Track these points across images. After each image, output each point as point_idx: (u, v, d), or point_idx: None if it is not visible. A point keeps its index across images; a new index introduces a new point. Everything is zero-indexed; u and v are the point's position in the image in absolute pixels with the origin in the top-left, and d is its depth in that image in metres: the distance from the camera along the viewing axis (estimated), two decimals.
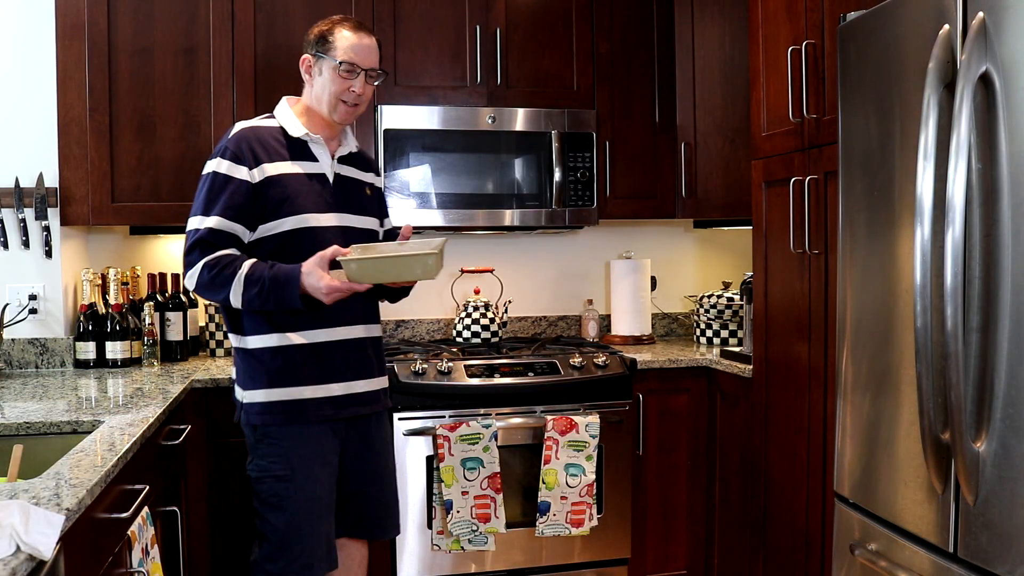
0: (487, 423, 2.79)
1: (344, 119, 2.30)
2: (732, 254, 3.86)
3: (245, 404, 2.24)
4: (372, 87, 2.32)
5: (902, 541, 1.87)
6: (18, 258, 2.96)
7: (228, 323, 2.28)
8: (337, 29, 2.28)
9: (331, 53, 2.26)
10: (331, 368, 2.24)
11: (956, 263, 1.59)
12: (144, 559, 1.84)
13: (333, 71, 2.26)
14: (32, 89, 2.94)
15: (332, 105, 2.27)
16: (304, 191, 2.23)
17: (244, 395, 2.24)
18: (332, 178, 2.30)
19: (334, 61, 2.25)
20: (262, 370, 2.21)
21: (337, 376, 2.25)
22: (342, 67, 2.24)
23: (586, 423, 2.85)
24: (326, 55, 2.27)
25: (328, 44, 2.27)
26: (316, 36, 2.30)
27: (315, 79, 2.29)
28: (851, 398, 2.09)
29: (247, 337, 2.23)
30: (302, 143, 2.28)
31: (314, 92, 2.29)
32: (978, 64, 1.59)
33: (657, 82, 3.42)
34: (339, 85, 2.26)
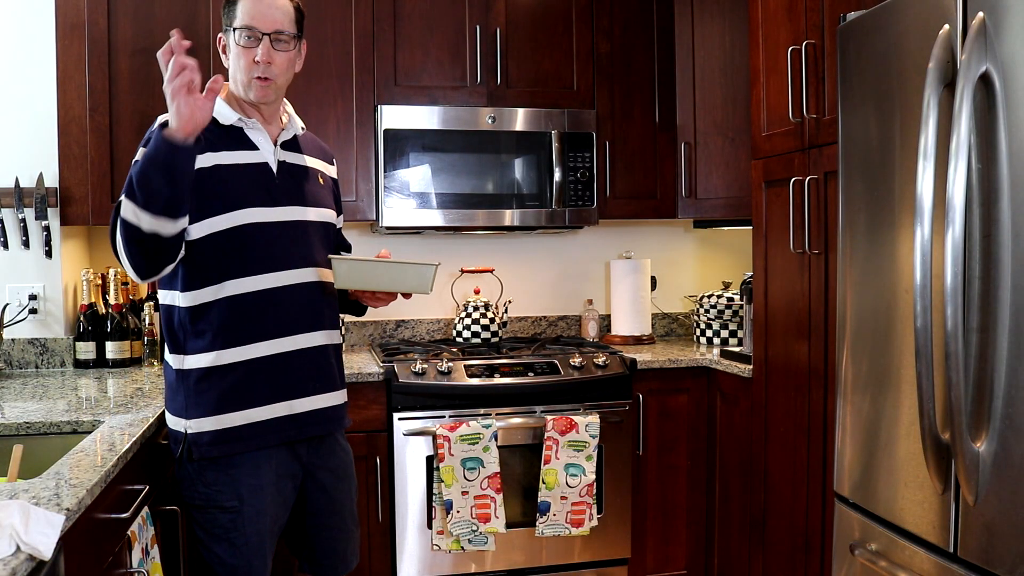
0: (487, 423, 2.79)
1: (260, 97, 1.98)
2: (732, 254, 3.86)
3: (191, 435, 1.92)
4: (288, 54, 1.99)
5: (902, 541, 1.87)
6: (18, 258, 2.96)
7: (168, 342, 1.98)
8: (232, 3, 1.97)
9: (234, 24, 1.96)
10: (292, 381, 1.97)
11: (956, 263, 1.58)
12: (144, 559, 1.84)
13: (237, 44, 1.96)
14: (32, 89, 2.94)
15: (246, 83, 1.97)
16: (243, 184, 1.95)
17: (188, 424, 1.93)
18: (276, 167, 2.01)
19: (239, 37, 1.95)
20: (210, 393, 1.92)
21: (299, 390, 1.98)
22: (239, 36, 1.94)
23: (586, 423, 2.85)
24: (230, 28, 1.97)
25: (230, 14, 1.97)
26: (224, 7, 1.99)
27: (228, 56, 2.01)
28: (851, 398, 2.09)
29: (188, 356, 1.93)
30: (236, 131, 2.00)
31: (231, 71, 2.00)
32: (978, 64, 1.59)
33: (657, 82, 3.42)
34: (244, 57, 1.96)
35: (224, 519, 1.94)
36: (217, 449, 1.92)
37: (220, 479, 1.93)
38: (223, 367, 1.92)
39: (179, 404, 1.96)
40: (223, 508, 1.93)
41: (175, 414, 1.97)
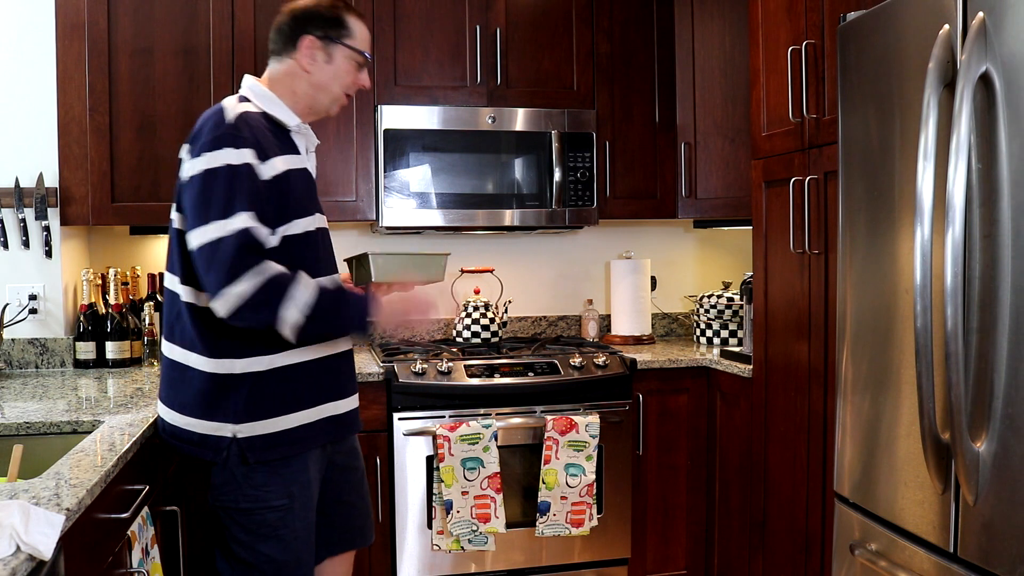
0: (487, 423, 2.79)
1: (334, 112, 2.07)
2: (732, 254, 3.86)
3: (242, 440, 1.87)
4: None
5: (902, 541, 1.87)
6: (18, 258, 2.96)
7: (205, 347, 1.88)
8: (346, 13, 2.02)
9: (348, 40, 2.00)
10: (335, 383, 2.01)
11: (956, 263, 1.58)
12: (144, 559, 1.84)
13: (348, 61, 2.01)
14: (32, 89, 2.94)
15: (336, 96, 2.03)
16: (307, 189, 1.98)
17: (238, 429, 1.88)
18: (314, 172, 2.07)
19: (350, 50, 2.00)
20: (268, 397, 1.89)
21: (341, 391, 2.02)
22: (355, 55, 2.01)
23: (586, 423, 2.85)
24: (341, 41, 1.99)
25: (345, 30, 2.00)
26: (329, 16, 1.99)
27: (320, 65, 1.99)
28: (851, 398, 2.09)
29: (237, 361, 1.87)
30: (285, 133, 1.99)
31: (316, 79, 1.99)
32: (978, 64, 1.59)
33: (657, 82, 3.42)
34: (352, 77, 2.03)
35: (273, 518, 1.92)
36: (275, 452, 1.90)
37: (271, 480, 1.91)
38: (279, 371, 1.90)
39: (223, 409, 1.88)
40: (272, 508, 1.92)
41: (213, 419, 1.89)
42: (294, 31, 1.99)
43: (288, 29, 2.00)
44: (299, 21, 1.99)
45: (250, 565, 1.95)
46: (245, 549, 1.95)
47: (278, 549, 1.93)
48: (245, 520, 1.93)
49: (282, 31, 2.01)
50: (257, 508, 1.91)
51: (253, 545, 1.94)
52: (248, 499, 1.91)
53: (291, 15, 2.01)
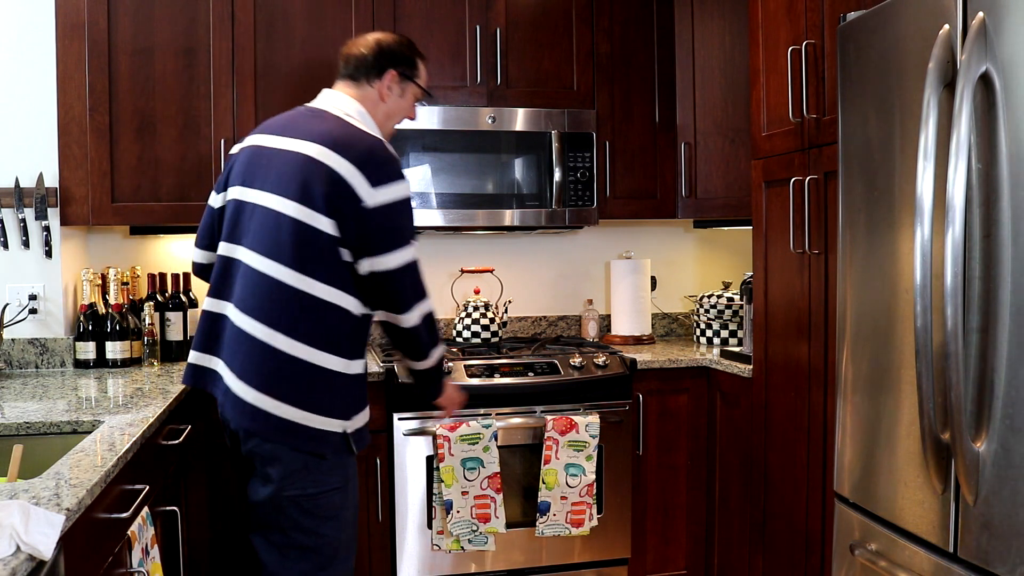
0: (487, 423, 2.79)
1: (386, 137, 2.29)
2: (732, 254, 3.86)
3: (352, 432, 2.10)
4: None
5: (902, 541, 1.87)
6: (18, 258, 2.96)
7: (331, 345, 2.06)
8: (419, 57, 2.31)
9: (418, 79, 2.30)
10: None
11: (956, 263, 1.59)
12: (144, 559, 1.84)
13: (413, 97, 2.30)
14: (32, 89, 2.94)
15: (396, 124, 2.33)
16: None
17: (347, 424, 2.09)
18: None
19: (419, 89, 2.30)
20: (362, 394, 2.15)
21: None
22: (419, 93, 2.31)
23: (586, 423, 2.85)
24: (413, 79, 2.28)
25: (417, 70, 2.30)
26: (407, 54, 2.28)
27: (392, 97, 2.26)
28: (851, 398, 2.09)
29: (353, 361, 2.10)
30: None
31: (387, 108, 2.25)
32: (978, 64, 1.59)
33: (657, 82, 3.42)
34: (411, 112, 2.32)
35: (337, 499, 2.12)
36: (364, 442, 2.16)
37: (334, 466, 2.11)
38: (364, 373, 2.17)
39: (341, 405, 2.08)
40: (336, 489, 2.12)
41: (331, 415, 2.06)
42: (379, 63, 2.24)
43: (374, 60, 2.24)
44: (385, 56, 2.24)
45: (309, 549, 2.11)
46: (307, 534, 2.10)
47: (338, 528, 2.13)
48: (311, 505, 2.08)
49: (367, 60, 2.24)
50: (322, 492, 2.09)
51: (316, 529, 2.10)
52: (315, 484, 2.08)
53: (377, 48, 2.25)
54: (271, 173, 2.10)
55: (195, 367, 2.18)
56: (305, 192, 2.03)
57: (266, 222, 2.07)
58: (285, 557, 2.10)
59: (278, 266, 2.03)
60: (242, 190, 2.15)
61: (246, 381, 2.04)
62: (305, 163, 2.05)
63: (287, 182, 2.06)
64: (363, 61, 2.24)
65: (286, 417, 2.03)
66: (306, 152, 2.06)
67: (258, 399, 2.03)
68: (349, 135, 2.08)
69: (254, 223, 2.10)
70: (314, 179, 2.03)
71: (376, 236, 2.04)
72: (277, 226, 2.05)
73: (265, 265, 2.05)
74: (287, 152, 2.10)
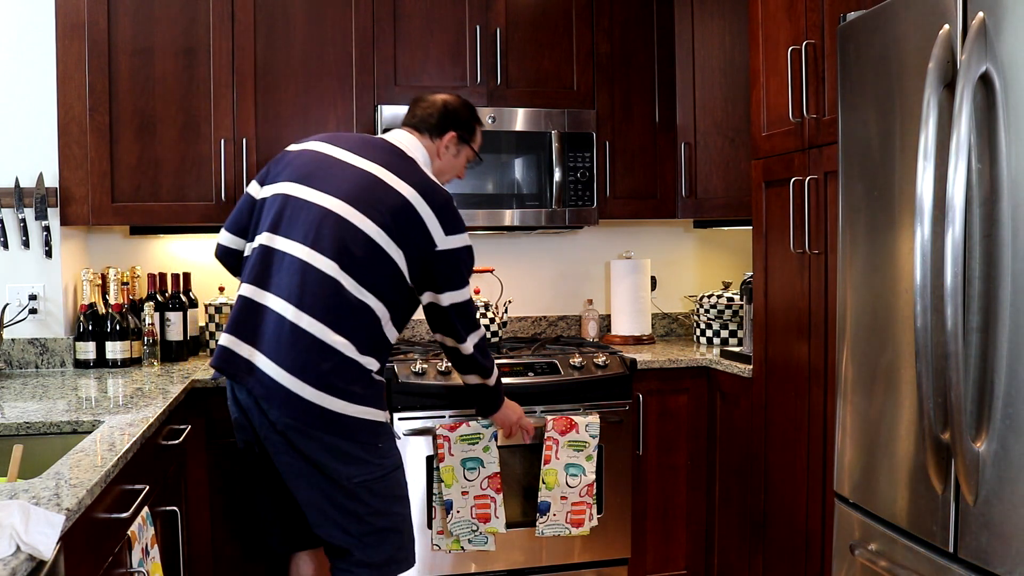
0: (487, 423, 2.79)
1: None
2: (732, 254, 3.86)
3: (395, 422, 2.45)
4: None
5: (902, 541, 1.87)
6: (18, 258, 2.96)
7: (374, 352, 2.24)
8: (478, 125, 2.50)
9: (473, 144, 2.49)
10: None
11: (956, 263, 1.58)
12: (144, 559, 1.84)
13: (465, 158, 2.49)
14: (32, 89, 2.94)
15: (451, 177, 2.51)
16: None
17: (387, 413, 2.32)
18: None
19: (473, 152, 2.50)
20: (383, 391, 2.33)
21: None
22: (471, 155, 2.50)
23: (586, 423, 2.85)
24: (469, 144, 2.48)
25: (474, 135, 2.48)
26: (470, 122, 2.46)
27: (449, 156, 2.45)
28: (851, 398, 2.09)
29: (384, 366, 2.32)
30: None
31: (441, 164, 2.44)
32: (978, 64, 1.59)
33: (657, 82, 3.42)
34: (461, 172, 2.52)
35: (399, 476, 2.31)
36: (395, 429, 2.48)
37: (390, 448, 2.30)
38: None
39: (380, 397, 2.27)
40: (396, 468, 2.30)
41: (379, 407, 2.25)
42: (443, 123, 2.43)
43: (439, 118, 2.43)
44: (449, 117, 2.43)
45: (388, 530, 2.27)
46: (382, 516, 2.26)
47: (405, 505, 2.33)
48: (380, 487, 2.25)
49: (432, 117, 2.42)
50: (387, 473, 2.26)
51: (389, 509, 2.28)
52: (380, 468, 2.25)
53: (444, 108, 2.43)
54: (339, 182, 2.23)
55: (228, 351, 2.20)
56: (378, 213, 2.19)
57: (326, 224, 2.18)
58: (367, 545, 2.25)
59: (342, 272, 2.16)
60: (298, 187, 2.24)
61: (303, 379, 2.12)
62: (383, 189, 2.22)
63: (357, 196, 2.20)
64: (429, 117, 2.42)
65: (346, 413, 2.17)
66: (386, 180, 2.24)
67: (317, 396, 2.13)
68: (431, 184, 2.29)
69: (308, 222, 2.19)
70: (393, 208, 2.20)
71: (441, 276, 2.28)
72: (341, 232, 2.17)
73: (328, 267, 2.16)
74: (360, 170, 2.25)
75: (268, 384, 2.13)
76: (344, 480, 2.20)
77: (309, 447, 2.16)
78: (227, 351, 2.19)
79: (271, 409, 2.15)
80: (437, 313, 2.34)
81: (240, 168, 3.05)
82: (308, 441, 2.16)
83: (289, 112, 3.11)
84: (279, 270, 2.18)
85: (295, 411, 2.12)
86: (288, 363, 2.12)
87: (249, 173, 3.05)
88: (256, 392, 2.15)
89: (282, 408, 2.13)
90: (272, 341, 2.15)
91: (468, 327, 2.37)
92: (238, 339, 2.19)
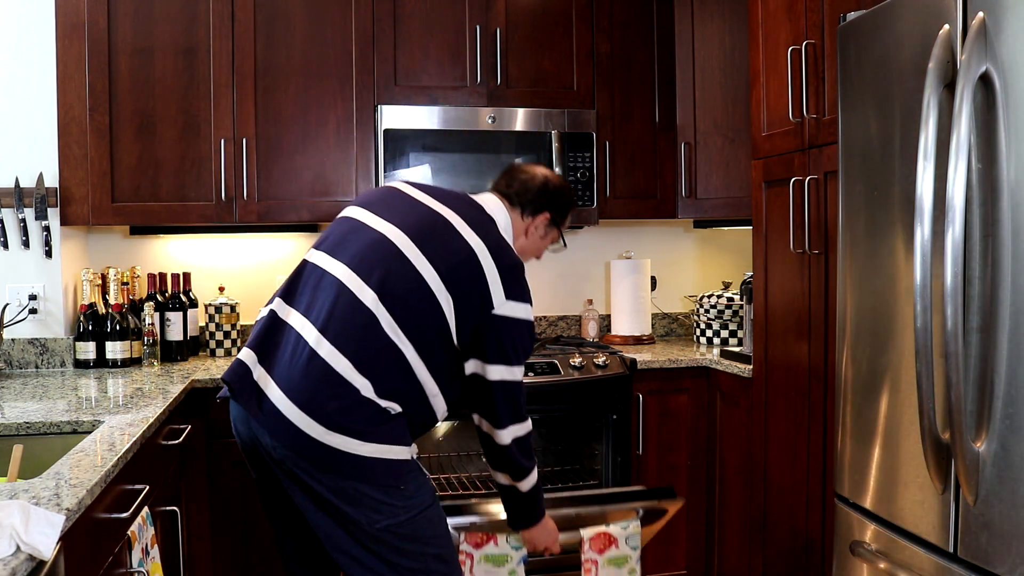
0: (516, 544, 2.40)
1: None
2: (732, 254, 3.86)
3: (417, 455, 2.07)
4: None
5: (902, 541, 1.87)
6: (18, 258, 2.96)
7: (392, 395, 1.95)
8: (573, 208, 2.33)
9: (561, 228, 2.30)
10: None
11: (956, 263, 1.58)
12: (144, 559, 1.84)
13: (550, 240, 2.31)
14: (32, 89, 2.94)
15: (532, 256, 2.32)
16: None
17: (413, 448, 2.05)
18: None
19: (559, 237, 2.31)
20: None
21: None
22: (557, 236, 2.31)
23: (626, 536, 2.47)
24: (557, 227, 2.28)
25: (565, 220, 2.30)
26: (565, 207, 2.28)
27: (535, 234, 2.25)
28: (851, 398, 2.09)
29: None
30: None
31: (530, 243, 2.26)
32: (978, 64, 1.59)
33: (657, 82, 3.42)
34: (539, 254, 2.33)
35: (434, 515, 2.02)
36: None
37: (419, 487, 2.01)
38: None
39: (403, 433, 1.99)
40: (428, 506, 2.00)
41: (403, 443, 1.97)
42: (540, 201, 2.23)
43: (537, 195, 2.22)
44: (546, 197, 2.23)
45: (420, 571, 1.97)
46: (415, 559, 1.97)
47: (444, 544, 2.02)
48: (408, 530, 1.95)
49: (530, 192, 2.22)
50: (416, 514, 1.96)
51: (422, 552, 1.97)
52: (405, 510, 1.95)
53: (543, 186, 2.24)
54: (405, 215, 2.04)
55: (243, 368, 1.98)
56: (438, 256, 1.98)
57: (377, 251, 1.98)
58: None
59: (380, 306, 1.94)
60: (361, 211, 2.09)
61: (310, 414, 1.88)
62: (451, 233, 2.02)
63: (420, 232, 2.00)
64: (526, 192, 2.22)
65: (359, 453, 1.90)
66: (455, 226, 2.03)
67: (325, 435, 1.88)
68: (504, 245, 2.08)
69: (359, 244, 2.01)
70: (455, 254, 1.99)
71: (492, 343, 2.01)
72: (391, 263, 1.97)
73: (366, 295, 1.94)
74: (431, 209, 2.06)
75: (275, 418, 1.89)
76: (366, 526, 1.92)
77: (322, 490, 1.91)
78: (242, 367, 1.97)
79: (277, 448, 1.90)
80: (480, 388, 2.04)
81: (240, 168, 3.05)
82: (320, 485, 1.91)
83: (289, 112, 3.11)
84: (313, 287, 1.99)
85: (302, 450, 1.88)
86: (298, 395, 1.88)
87: (249, 173, 3.05)
88: (265, 425, 1.91)
89: (288, 447, 1.89)
90: (285, 367, 1.92)
91: (512, 415, 2.06)
92: (255, 355, 1.98)
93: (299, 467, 1.90)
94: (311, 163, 3.13)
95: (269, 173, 3.09)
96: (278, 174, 3.10)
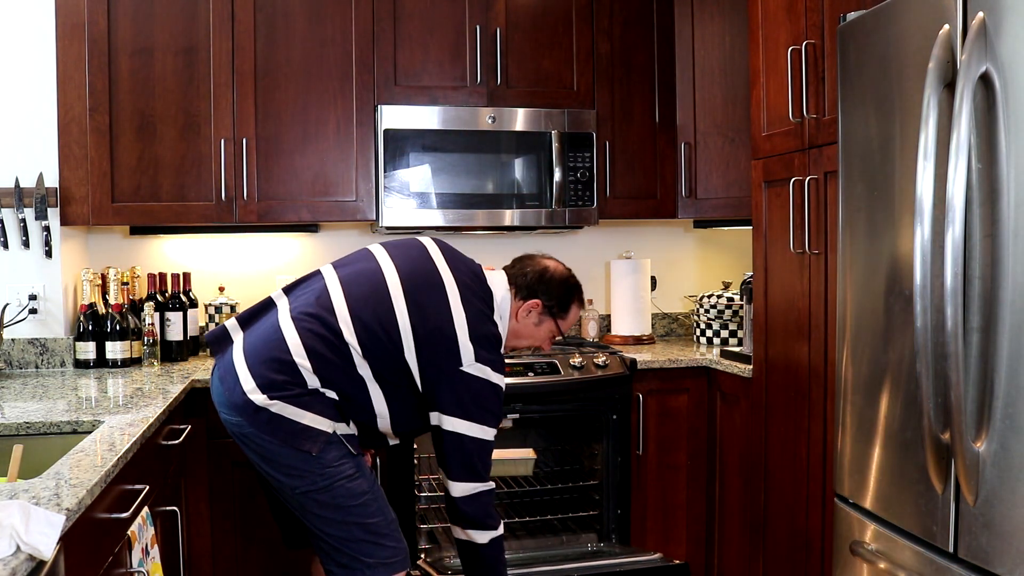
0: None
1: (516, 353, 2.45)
2: (732, 254, 3.85)
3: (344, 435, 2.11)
4: None
5: (902, 541, 1.87)
6: (18, 258, 2.96)
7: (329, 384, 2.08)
8: (574, 303, 2.32)
9: (560, 320, 2.30)
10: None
11: (956, 263, 1.58)
12: (144, 559, 1.84)
13: (548, 332, 2.31)
14: (32, 89, 2.94)
15: (524, 347, 2.36)
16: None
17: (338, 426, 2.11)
18: None
19: (556, 328, 2.31)
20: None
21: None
22: (557, 328, 2.31)
23: None
24: (555, 318, 2.29)
25: (564, 313, 2.30)
26: (563, 298, 2.29)
27: (528, 320, 2.27)
28: (851, 398, 2.09)
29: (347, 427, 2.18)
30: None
31: (519, 328, 2.28)
32: (978, 64, 1.59)
33: (657, 82, 3.42)
34: (538, 342, 2.33)
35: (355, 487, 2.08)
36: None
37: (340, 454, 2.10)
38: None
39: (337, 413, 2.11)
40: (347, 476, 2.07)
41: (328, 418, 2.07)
42: (533, 287, 2.27)
43: (531, 281, 2.27)
44: (541, 284, 2.27)
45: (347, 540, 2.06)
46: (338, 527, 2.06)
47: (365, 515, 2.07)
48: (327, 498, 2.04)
49: (527, 276, 2.28)
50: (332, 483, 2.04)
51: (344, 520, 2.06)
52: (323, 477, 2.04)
53: (541, 274, 2.29)
54: (407, 261, 2.19)
55: (224, 329, 2.21)
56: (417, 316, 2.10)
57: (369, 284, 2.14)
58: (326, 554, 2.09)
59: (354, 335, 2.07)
60: (381, 250, 2.25)
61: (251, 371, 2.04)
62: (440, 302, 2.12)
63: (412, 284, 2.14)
64: (523, 275, 2.29)
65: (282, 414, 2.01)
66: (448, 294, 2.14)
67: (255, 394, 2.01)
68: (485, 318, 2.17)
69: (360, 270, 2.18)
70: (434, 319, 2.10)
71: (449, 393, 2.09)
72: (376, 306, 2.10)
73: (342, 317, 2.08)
74: (436, 269, 2.19)
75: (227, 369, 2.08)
76: (289, 491, 2.07)
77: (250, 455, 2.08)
78: (223, 330, 2.21)
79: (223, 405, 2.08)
80: (436, 436, 2.13)
81: (240, 168, 3.05)
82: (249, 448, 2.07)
83: (289, 112, 3.11)
84: (307, 287, 2.19)
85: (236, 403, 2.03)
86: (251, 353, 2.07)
87: (249, 173, 3.05)
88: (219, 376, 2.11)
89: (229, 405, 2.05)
90: (256, 329, 2.14)
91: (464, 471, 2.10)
92: (237, 324, 2.21)
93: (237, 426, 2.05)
94: (311, 163, 3.13)
95: (269, 173, 3.09)
96: (278, 174, 3.10)
